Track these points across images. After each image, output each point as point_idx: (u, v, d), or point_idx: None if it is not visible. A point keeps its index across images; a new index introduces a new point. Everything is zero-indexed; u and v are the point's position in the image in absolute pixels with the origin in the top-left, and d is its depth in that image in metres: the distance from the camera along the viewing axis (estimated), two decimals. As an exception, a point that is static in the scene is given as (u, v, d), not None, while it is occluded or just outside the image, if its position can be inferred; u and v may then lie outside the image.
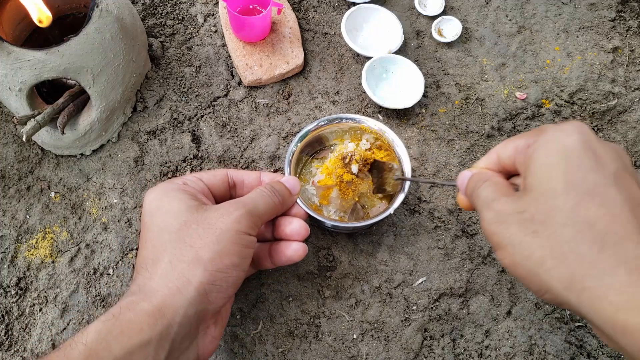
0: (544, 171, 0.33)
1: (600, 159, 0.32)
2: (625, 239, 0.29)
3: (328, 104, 0.63)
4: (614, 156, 0.32)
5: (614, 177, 0.31)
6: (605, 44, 0.68)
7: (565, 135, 0.33)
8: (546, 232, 0.31)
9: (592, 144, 0.32)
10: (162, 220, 0.42)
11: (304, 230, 0.48)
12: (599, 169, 0.31)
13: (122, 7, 0.56)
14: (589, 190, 0.31)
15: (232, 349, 0.51)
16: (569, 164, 0.32)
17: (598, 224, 0.30)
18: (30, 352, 0.51)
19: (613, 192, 0.30)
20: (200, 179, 0.47)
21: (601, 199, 0.30)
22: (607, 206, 0.30)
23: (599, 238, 0.29)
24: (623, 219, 0.30)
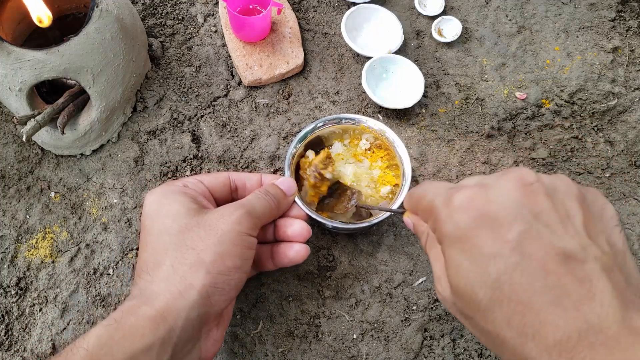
0: (453, 271, 0.31)
1: (497, 232, 0.29)
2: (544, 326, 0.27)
3: (328, 104, 0.63)
4: (512, 217, 0.29)
5: (516, 253, 0.28)
6: (605, 44, 0.69)
7: (456, 221, 0.31)
8: (476, 327, 0.31)
9: (485, 214, 0.30)
10: (163, 223, 0.42)
11: (305, 231, 0.48)
12: (499, 250, 0.29)
13: (122, 7, 0.56)
14: (496, 283, 0.28)
15: (232, 349, 0.51)
16: (469, 258, 0.30)
17: (514, 321, 0.28)
18: (30, 352, 0.51)
19: (517, 275, 0.28)
20: (201, 182, 0.47)
21: (509, 288, 0.28)
22: (518, 296, 0.28)
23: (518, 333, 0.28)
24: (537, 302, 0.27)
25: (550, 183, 0.31)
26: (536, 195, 0.30)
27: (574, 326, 0.26)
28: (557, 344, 0.27)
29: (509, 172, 0.31)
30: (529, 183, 0.30)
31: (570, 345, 0.26)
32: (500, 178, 0.31)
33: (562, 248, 0.28)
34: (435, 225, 0.33)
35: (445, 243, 0.32)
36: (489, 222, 0.29)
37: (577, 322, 0.26)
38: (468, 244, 0.30)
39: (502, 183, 0.31)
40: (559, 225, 0.29)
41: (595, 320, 0.26)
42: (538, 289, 0.27)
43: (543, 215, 0.29)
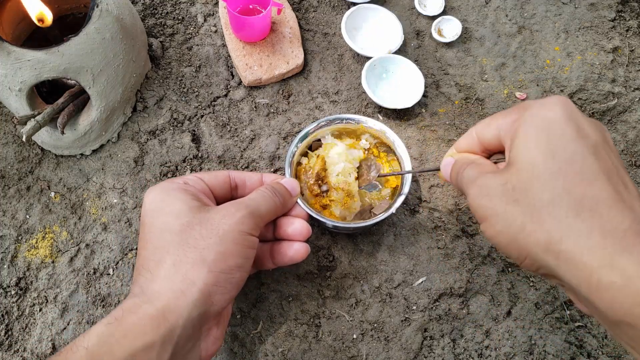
0: (527, 143, 0.34)
1: (582, 130, 0.33)
2: (601, 205, 0.30)
3: (328, 104, 0.63)
4: (595, 129, 0.34)
5: (593, 148, 0.32)
6: (605, 44, 0.69)
7: (547, 109, 0.34)
8: (526, 199, 0.33)
9: (575, 116, 0.34)
10: (164, 221, 0.42)
11: (305, 230, 0.48)
12: (579, 140, 0.33)
13: (122, 7, 0.56)
14: (568, 158, 0.32)
15: (232, 349, 0.51)
16: (551, 135, 0.33)
17: (575, 190, 0.31)
18: (30, 352, 0.51)
19: (591, 161, 0.32)
20: (202, 179, 0.47)
21: (579, 166, 0.32)
22: (584, 174, 0.31)
23: (575, 203, 0.31)
24: (599, 186, 0.31)
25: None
26: (607, 133, 0.35)
27: (628, 216, 0.30)
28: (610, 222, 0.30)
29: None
30: (601, 125, 0.35)
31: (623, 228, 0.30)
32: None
33: (622, 175, 0.33)
34: (519, 114, 0.35)
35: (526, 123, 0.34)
36: (576, 121, 0.33)
37: (632, 215, 0.30)
38: (554, 125, 0.33)
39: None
40: (617, 161, 0.34)
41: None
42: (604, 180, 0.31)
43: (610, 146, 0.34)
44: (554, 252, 0.31)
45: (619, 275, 0.29)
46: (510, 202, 0.34)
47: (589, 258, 0.30)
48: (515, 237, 0.33)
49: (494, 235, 0.35)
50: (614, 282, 0.29)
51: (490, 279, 0.55)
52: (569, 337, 0.53)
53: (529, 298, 0.54)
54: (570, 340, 0.53)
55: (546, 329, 0.53)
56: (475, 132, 0.40)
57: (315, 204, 0.53)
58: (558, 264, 0.31)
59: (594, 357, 0.52)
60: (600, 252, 0.30)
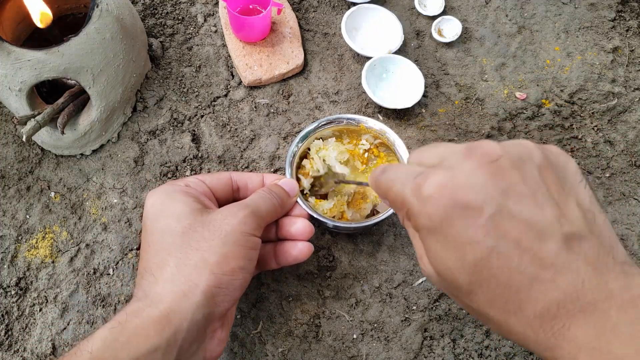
0: (433, 259, 0.31)
1: (470, 218, 0.29)
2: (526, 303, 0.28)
3: (328, 104, 0.63)
4: (484, 199, 0.28)
5: (492, 236, 0.28)
6: (605, 44, 0.69)
7: (430, 211, 0.30)
8: (463, 304, 0.32)
9: (458, 200, 0.29)
10: (166, 224, 0.42)
11: (308, 229, 0.48)
12: (473, 234, 0.28)
13: (122, 7, 0.56)
14: (474, 268, 0.29)
15: (232, 349, 0.51)
16: (446, 247, 0.30)
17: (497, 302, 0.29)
18: (30, 352, 0.51)
19: (494, 258, 0.28)
20: (203, 182, 0.47)
21: (487, 271, 0.28)
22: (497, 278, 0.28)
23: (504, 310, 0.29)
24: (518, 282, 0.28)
25: (515, 153, 0.30)
26: (503, 172, 0.29)
27: (552, 298, 0.27)
28: (538, 316, 0.27)
29: (472, 150, 0.31)
30: (494, 159, 0.30)
31: (550, 316, 0.27)
32: (465, 157, 0.31)
33: (535, 223, 0.28)
34: (409, 217, 0.33)
35: (422, 233, 0.32)
36: (459, 210, 0.29)
37: (555, 293, 0.27)
38: (442, 233, 0.30)
39: (468, 164, 0.30)
40: (529, 198, 0.29)
41: (571, 289, 0.27)
42: (515, 269, 0.28)
43: (512, 191, 0.29)
44: (512, 334, 0.30)
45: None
46: (449, 294, 0.33)
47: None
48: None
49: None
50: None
51: (490, 279, 0.55)
52: (569, 337, 0.53)
53: (529, 298, 0.54)
54: (570, 340, 0.53)
55: (546, 329, 0.53)
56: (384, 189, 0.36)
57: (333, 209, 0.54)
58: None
59: (594, 357, 0.52)
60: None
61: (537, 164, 0.30)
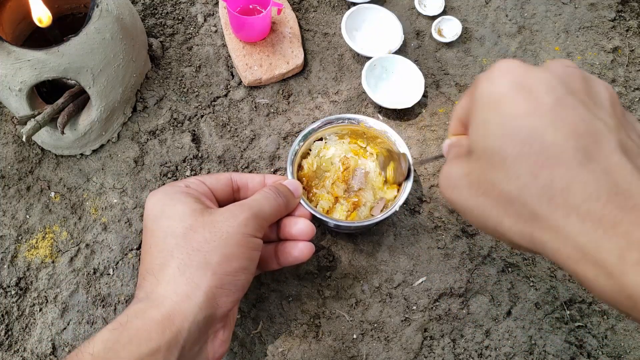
0: (481, 129, 0.31)
1: (534, 96, 0.29)
2: (573, 183, 0.27)
3: (328, 104, 0.63)
4: (550, 86, 0.29)
5: (550, 114, 0.28)
6: (605, 44, 0.69)
7: (493, 85, 0.30)
8: (494, 192, 0.30)
9: (524, 82, 0.29)
10: (167, 225, 0.42)
11: (310, 230, 0.48)
12: (533, 110, 0.28)
13: (122, 7, 0.56)
14: (526, 139, 0.28)
15: (232, 349, 0.51)
16: (502, 116, 0.29)
17: (541, 175, 0.27)
18: (30, 352, 0.51)
19: (550, 132, 0.27)
20: (203, 182, 0.47)
21: (539, 144, 0.28)
22: (547, 151, 0.27)
23: (544, 189, 0.27)
24: (566, 160, 0.27)
25: (589, 75, 0.31)
26: (574, 77, 0.29)
27: (604, 186, 0.26)
28: (586, 201, 0.26)
29: (552, 62, 0.31)
30: (568, 65, 0.30)
31: (600, 204, 0.26)
32: (545, 63, 0.32)
33: (595, 122, 0.28)
34: (471, 97, 0.32)
35: (476, 105, 0.31)
36: (527, 88, 0.29)
37: (608, 183, 0.26)
38: (503, 103, 0.29)
39: (545, 64, 0.31)
40: (593, 105, 0.29)
41: (625, 185, 0.26)
42: (569, 149, 0.27)
43: (579, 93, 0.29)
44: (539, 244, 0.29)
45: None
46: (480, 195, 0.31)
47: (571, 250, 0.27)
48: (495, 229, 0.31)
49: (480, 228, 0.33)
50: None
51: (490, 279, 0.55)
52: (569, 337, 0.53)
53: (529, 298, 0.54)
54: (570, 340, 0.53)
55: (546, 329, 0.53)
56: (455, 114, 0.37)
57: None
58: (545, 253, 0.29)
59: (594, 357, 0.52)
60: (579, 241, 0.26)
61: (607, 91, 0.30)
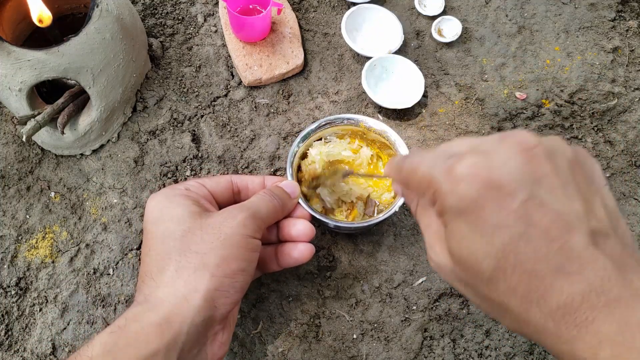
0: (454, 242, 0.31)
1: (502, 198, 0.28)
2: (548, 291, 0.27)
3: (328, 104, 0.63)
4: (517, 182, 0.28)
5: (520, 224, 0.28)
6: (605, 44, 0.69)
7: (461, 190, 0.29)
8: (480, 294, 0.31)
9: (491, 180, 0.29)
10: (166, 228, 0.42)
11: (309, 231, 0.48)
12: (504, 220, 0.28)
13: (122, 7, 0.56)
14: (500, 254, 0.28)
15: (232, 349, 0.51)
16: (473, 232, 0.29)
17: (518, 289, 0.28)
18: (30, 352, 0.51)
19: (522, 245, 0.28)
20: (203, 185, 0.47)
21: (513, 258, 0.28)
22: (522, 265, 0.28)
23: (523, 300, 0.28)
24: (540, 270, 0.27)
25: (549, 145, 0.30)
26: (538, 161, 0.29)
27: (577, 289, 0.27)
28: (561, 307, 0.27)
29: (508, 137, 0.31)
30: (530, 148, 0.30)
31: (574, 307, 0.27)
32: (500, 143, 0.31)
33: (565, 214, 0.28)
34: (435, 197, 0.32)
35: (448, 214, 0.31)
36: (493, 192, 0.29)
37: (580, 285, 0.27)
38: (473, 215, 0.29)
39: (504, 149, 0.30)
40: (560, 190, 0.29)
41: (597, 282, 0.27)
42: (542, 257, 0.27)
43: (545, 180, 0.29)
44: (530, 337, 0.30)
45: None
46: (469, 292, 0.32)
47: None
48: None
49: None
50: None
51: (490, 279, 0.55)
52: (569, 337, 0.53)
53: (529, 298, 0.54)
54: (570, 340, 0.53)
55: (546, 329, 0.53)
56: (399, 173, 0.36)
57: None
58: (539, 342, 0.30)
59: (594, 357, 0.52)
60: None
61: (568, 158, 0.30)
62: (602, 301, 0.26)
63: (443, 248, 0.33)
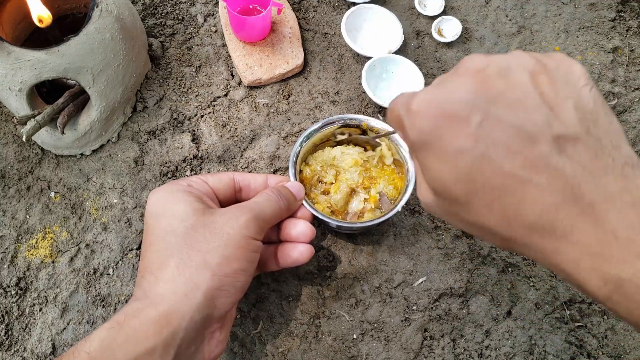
0: (426, 175, 0.32)
1: (459, 125, 0.28)
2: (522, 204, 0.28)
3: (328, 104, 0.63)
4: (470, 106, 0.28)
5: (480, 145, 0.28)
6: (605, 44, 0.69)
7: (418, 123, 0.30)
8: (465, 221, 0.32)
9: (445, 111, 0.29)
10: (168, 224, 0.42)
11: (309, 232, 0.48)
12: (463, 144, 0.28)
13: (122, 7, 0.56)
14: (467, 177, 0.29)
15: (232, 349, 0.51)
16: (438, 161, 0.30)
17: (494, 206, 0.29)
18: (30, 352, 0.51)
19: (486, 164, 0.28)
20: (206, 182, 0.47)
21: (481, 179, 0.28)
22: (490, 183, 0.28)
23: (502, 217, 0.29)
24: (510, 185, 0.28)
25: (503, 62, 0.30)
26: (489, 80, 0.29)
27: (549, 200, 0.27)
28: (537, 219, 0.27)
29: (460, 65, 0.31)
30: (480, 69, 0.30)
31: (550, 219, 0.27)
32: (453, 73, 0.31)
33: (524, 127, 0.28)
34: (404, 136, 0.33)
35: (414, 150, 0.32)
36: (448, 121, 0.29)
37: (552, 195, 0.27)
38: (433, 146, 0.30)
39: (455, 78, 0.30)
40: (517, 104, 0.28)
41: (568, 191, 0.27)
42: (508, 172, 0.28)
43: (499, 98, 0.28)
44: (520, 253, 0.31)
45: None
46: (456, 221, 0.33)
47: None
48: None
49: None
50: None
51: (490, 279, 0.55)
52: (569, 337, 0.53)
53: (529, 298, 0.54)
54: (570, 340, 0.53)
55: (546, 329, 0.53)
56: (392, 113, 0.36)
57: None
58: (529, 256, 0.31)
59: (594, 357, 0.53)
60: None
61: (528, 70, 0.29)
62: (575, 210, 0.26)
63: (424, 183, 0.33)
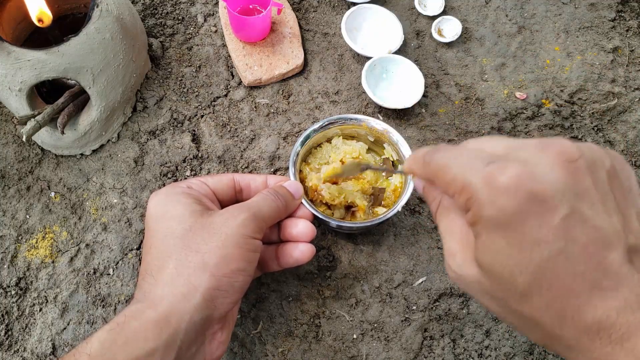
0: (488, 254, 0.30)
1: (544, 212, 0.27)
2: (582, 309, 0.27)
3: (328, 104, 0.63)
4: (560, 195, 0.27)
5: (559, 240, 0.27)
6: (605, 44, 0.69)
7: (502, 199, 0.28)
8: (508, 307, 0.30)
9: (534, 191, 0.27)
10: (167, 226, 0.42)
11: (310, 231, 0.48)
12: (544, 237, 0.27)
13: (122, 7, 0.56)
14: (537, 270, 0.28)
15: (232, 349, 0.51)
16: (511, 246, 0.28)
17: (553, 306, 0.28)
18: (30, 352, 0.51)
19: (561, 262, 0.27)
20: (205, 183, 0.47)
21: (551, 275, 0.27)
22: (559, 283, 0.27)
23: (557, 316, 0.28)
24: (577, 288, 0.27)
25: (590, 157, 0.29)
26: (580, 174, 0.28)
27: (612, 306, 0.27)
28: (596, 323, 0.27)
29: (549, 146, 0.29)
30: (573, 159, 0.28)
31: (609, 324, 0.27)
32: (542, 153, 0.29)
33: (603, 231, 0.28)
34: (469, 205, 0.30)
35: (483, 225, 0.30)
36: (535, 207, 0.28)
37: (616, 302, 0.27)
38: (512, 229, 0.28)
39: (546, 160, 0.29)
40: (599, 205, 0.28)
41: (633, 299, 0.27)
42: (579, 274, 0.27)
43: (586, 195, 0.28)
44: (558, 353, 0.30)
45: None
46: (493, 304, 0.31)
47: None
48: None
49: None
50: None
51: (490, 279, 0.55)
52: (569, 337, 0.53)
53: (529, 298, 0.54)
54: (570, 340, 0.53)
55: (546, 329, 0.53)
56: (434, 166, 0.33)
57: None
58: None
59: (594, 357, 0.52)
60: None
61: (607, 169, 0.29)
62: (637, 318, 0.26)
63: (468, 258, 0.31)
